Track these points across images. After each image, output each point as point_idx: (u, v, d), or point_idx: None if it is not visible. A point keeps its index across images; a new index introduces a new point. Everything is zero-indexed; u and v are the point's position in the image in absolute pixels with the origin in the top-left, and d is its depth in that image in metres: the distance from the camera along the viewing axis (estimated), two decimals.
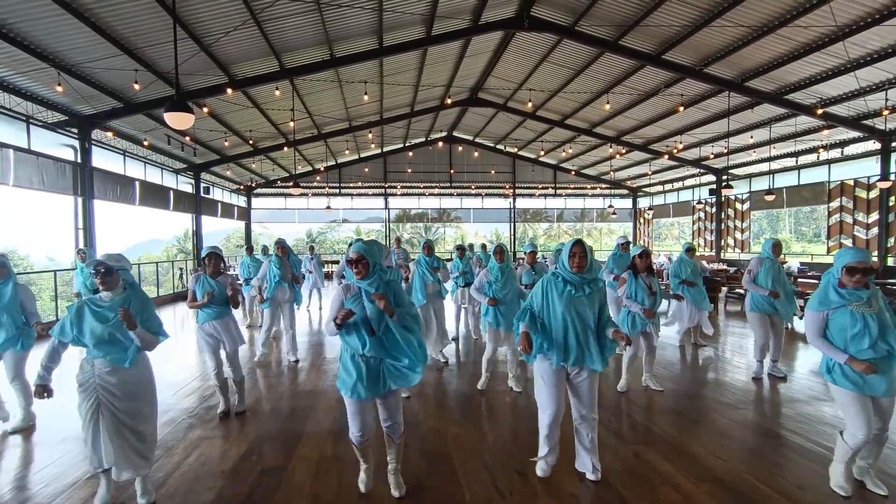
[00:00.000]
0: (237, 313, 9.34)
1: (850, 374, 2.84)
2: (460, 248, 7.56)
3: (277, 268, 6.39)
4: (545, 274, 3.27)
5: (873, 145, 12.48)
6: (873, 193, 12.57)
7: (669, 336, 7.47)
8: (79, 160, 10.24)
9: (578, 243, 3.03)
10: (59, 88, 8.13)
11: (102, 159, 11.51)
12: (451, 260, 8.01)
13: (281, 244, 6.58)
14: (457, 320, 8.05)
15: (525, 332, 3.06)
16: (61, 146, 10.03)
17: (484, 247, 11.58)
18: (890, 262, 12.26)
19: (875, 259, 12.09)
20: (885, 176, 11.76)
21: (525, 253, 6.00)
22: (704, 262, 13.74)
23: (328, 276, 15.35)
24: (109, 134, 11.26)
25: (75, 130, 10.10)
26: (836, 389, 2.95)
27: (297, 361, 6.50)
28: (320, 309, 11.15)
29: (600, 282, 3.11)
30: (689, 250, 6.87)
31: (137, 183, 12.94)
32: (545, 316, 3.10)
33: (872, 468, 3.10)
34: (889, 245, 12.19)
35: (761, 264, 5.49)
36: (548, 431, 3.17)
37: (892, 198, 12.15)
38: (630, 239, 9.71)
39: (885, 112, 9.54)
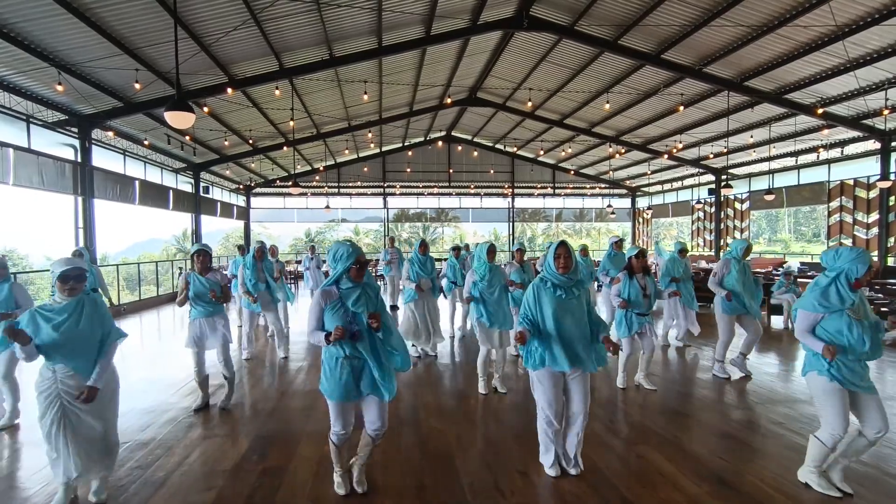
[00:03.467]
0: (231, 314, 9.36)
1: (834, 372, 2.86)
2: (456, 249, 7.64)
3: (250, 271, 6.49)
4: (534, 277, 3.31)
5: (873, 145, 12.49)
6: (873, 193, 12.58)
7: (671, 338, 7.47)
8: (79, 159, 10.23)
9: (563, 244, 3.05)
10: (60, 88, 8.12)
11: (102, 159, 11.49)
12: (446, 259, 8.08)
13: (260, 248, 6.66)
14: (451, 320, 7.99)
15: (525, 330, 3.09)
16: (61, 145, 10.02)
17: (467, 247, 11.52)
18: (890, 262, 12.28)
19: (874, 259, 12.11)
20: (884, 176, 11.77)
21: (513, 251, 6.03)
22: (704, 262, 13.76)
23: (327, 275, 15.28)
24: (110, 133, 11.25)
25: (75, 130, 10.09)
26: (817, 386, 2.94)
27: (285, 358, 6.67)
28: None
29: (587, 282, 3.16)
30: (682, 251, 6.92)
31: (137, 182, 12.92)
32: (539, 321, 3.11)
33: (849, 463, 3.06)
34: (889, 245, 12.20)
35: (728, 266, 5.43)
36: (550, 435, 3.20)
37: (892, 197, 12.16)
38: (622, 237, 9.61)
39: (885, 112, 9.55)
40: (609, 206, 21.57)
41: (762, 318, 5.51)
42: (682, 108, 12.05)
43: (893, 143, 11.89)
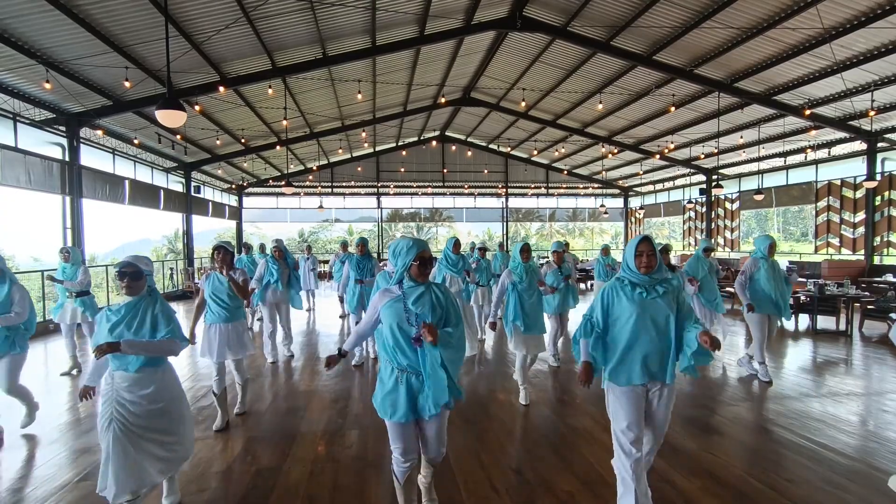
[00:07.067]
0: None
1: None
2: (482, 249, 7.51)
3: (275, 270, 6.49)
4: (608, 280, 2.88)
5: (859, 146, 12.67)
6: (860, 193, 12.77)
7: None
8: (67, 158, 10.11)
9: (646, 240, 2.62)
10: (48, 86, 8.02)
11: (91, 158, 11.36)
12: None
13: (278, 247, 6.66)
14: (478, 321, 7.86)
15: (587, 362, 2.76)
16: (49, 144, 9.89)
17: (502, 245, 11.65)
18: (876, 260, 12.46)
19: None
20: (870, 176, 11.94)
21: (551, 252, 5.78)
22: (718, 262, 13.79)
23: (322, 277, 15.09)
24: (99, 132, 11.13)
25: (63, 128, 9.96)
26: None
27: (291, 356, 6.78)
28: (309, 311, 11.00)
29: (674, 280, 2.73)
30: (707, 250, 6.51)
31: (127, 182, 12.79)
32: (612, 328, 2.68)
33: None
34: (875, 244, 12.39)
35: (757, 265, 5.29)
36: (630, 468, 2.61)
37: (878, 197, 12.34)
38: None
39: (871, 113, 9.69)
40: (602, 205, 21.65)
41: (790, 317, 5.48)
42: (673, 108, 12.15)
43: (879, 144, 12.07)
